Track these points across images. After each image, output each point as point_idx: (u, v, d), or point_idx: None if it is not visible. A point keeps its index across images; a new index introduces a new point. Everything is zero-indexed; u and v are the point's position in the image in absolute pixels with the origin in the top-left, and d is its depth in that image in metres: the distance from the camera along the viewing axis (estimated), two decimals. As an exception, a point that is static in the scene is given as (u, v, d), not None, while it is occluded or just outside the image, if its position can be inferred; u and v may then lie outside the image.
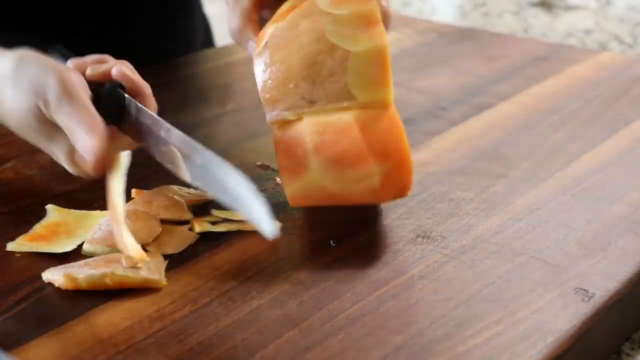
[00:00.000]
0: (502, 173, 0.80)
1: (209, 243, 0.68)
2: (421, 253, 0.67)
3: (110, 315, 0.60)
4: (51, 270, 0.63)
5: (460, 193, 0.76)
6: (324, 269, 0.65)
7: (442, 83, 1.02)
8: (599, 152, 0.84)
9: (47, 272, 0.63)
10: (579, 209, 0.74)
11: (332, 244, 0.68)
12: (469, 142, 0.86)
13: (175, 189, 0.73)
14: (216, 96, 1.00)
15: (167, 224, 0.69)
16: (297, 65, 0.67)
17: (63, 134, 0.67)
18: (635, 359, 0.64)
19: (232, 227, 0.70)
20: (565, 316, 0.60)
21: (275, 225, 0.61)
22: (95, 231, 0.67)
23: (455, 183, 0.77)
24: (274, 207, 0.72)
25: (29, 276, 0.64)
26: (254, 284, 0.63)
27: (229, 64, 1.10)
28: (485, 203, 0.74)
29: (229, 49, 1.14)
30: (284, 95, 0.68)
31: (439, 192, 0.76)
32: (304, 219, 0.72)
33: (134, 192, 0.73)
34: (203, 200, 0.73)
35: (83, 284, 0.61)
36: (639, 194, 0.76)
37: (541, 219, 0.72)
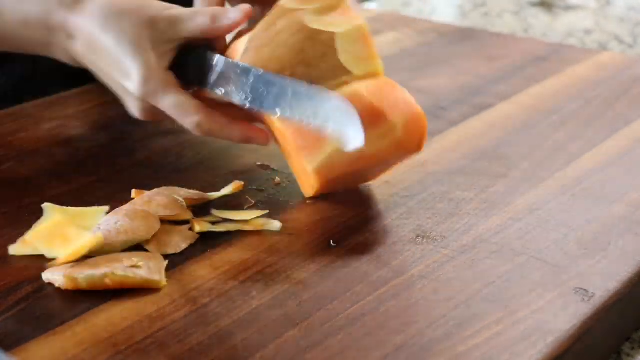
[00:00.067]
0: (502, 173, 0.80)
1: (209, 243, 0.68)
2: (421, 253, 0.67)
3: (110, 315, 0.60)
4: (51, 270, 0.63)
5: (460, 193, 0.76)
6: (324, 269, 0.65)
7: (442, 83, 1.02)
8: (599, 152, 0.84)
9: (47, 272, 0.63)
10: (579, 209, 0.74)
11: (332, 244, 0.68)
12: (469, 142, 0.86)
13: (175, 189, 0.73)
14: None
15: (167, 224, 0.69)
16: (287, 55, 0.69)
17: None
18: (635, 359, 0.64)
19: (232, 227, 0.70)
20: (565, 316, 0.60)
21: (361, 134, 0.63)
22: (94, 231, 0.67)
23: (455, 183, 0.77)
24: (274, 207, 0.72)
25: (29, 276, 0.64)
26: (254, 284, 0.63)
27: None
28: (485, 203, 0.74)
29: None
30: None
31: (439, 192, 0.76)
32: (304, 219, 0.72)
33: (134, 193, 0.73)
34: (203, 200, 0.73)
35: (83, 284, 0.61)
36: (639, 194, 0.76)
37: (541, 219, 0.72)
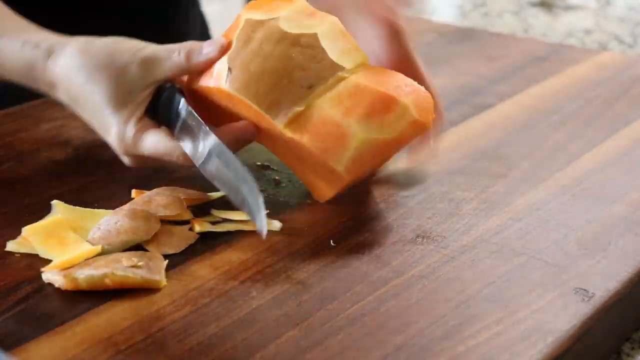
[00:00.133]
0: (502, 173, 0.80)
1: (209, 243, 0.68)
2: (421, 253, 0.67)
3: (110, 315, 0.60)
4: (51, 270, 0.63)
5: (460, 193, 0.76)
6: (324, 269, 0.65)
7: (442, 83, 1.01)
8: (599, 152, 0.84)
9: (47, 272, 0.63)
10: (579, 209, 0.74)
11: (332, 244, 0.68)
12: (469, 142, 0.86)
13: (175, 189, 0.73)
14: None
15: (167, 224, 0.69)
16: (279, 64, 0.68)
17: None
18: (635, 359, 0.64)
19: (232, 227, 0.70)
20: (565, 316, 0.60)
21: (265, 224, 0.63)
22: (94, 231, 0.67)
23: (455, 183, 0.77)
24: (274, 207, 0.72)
25: (29, 276, 0.64)
26: (254, 284, 0.63)
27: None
28: (485, 203, 0.74)
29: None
30: (283, 93, 0.68)
31: (439, 192, 0.76)
32: (304, 219, 0.72)
33: (134, 193, 0.73)
34: (203, 200, 0.73)
35: (83, 284, 0.61)
36: (639, 194, 0.76)
37: (541, 219, 0.72)
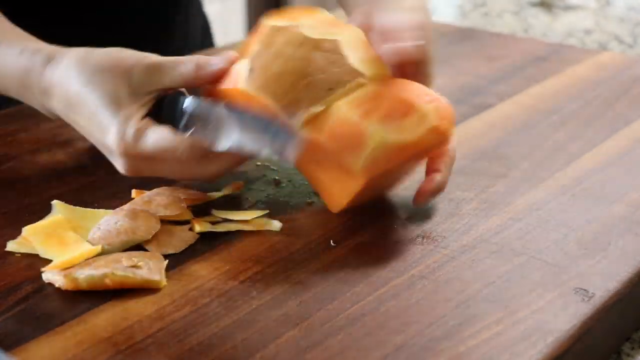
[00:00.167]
0: (502, 173, 0.80)
1: (209, 243, 0.68)
2: (421, 253, 0.67)
3: (110, 315, 0.60)
4: (51, 270, 0.63)
5: (460, 193, 0.76)
6: (324, 269, 0.65)
7: (442, 83, 1.01)
8: (599, 152, 0.84)
9: (47, 272, 0.63)
10: (579, 209, 0.74)
11: (332, 244, 0.68)
12: (469, 142, 0.86)
13: (175, 189, 0.73)
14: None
15: (167, 224, 0.69)
16: (299, 65, 0.68)
17: None
18: (635, 359, 0.64)
19: (232, 227, 0.70)
20: (565, 316, 0.59)
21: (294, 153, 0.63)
22: (94, 231, 0.67)
23: (455, 183, 0.77)
24: (274, 207, 0.72)
25: (29, 276, 0.64)
26: (254, 284, 0.63)
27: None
28: (485, 203, 0.74)
29: (229, 49, 1.13)
30: (302, 94, 0.68)
31: (439, 192, 0.76)
32: (304, 219, 0.72)
33: (134, 193, 0.73)
34: (203, 200, 0.73)
35: (83, 284, 0.61)
36: (639, 194, 0.76)
37: (541, 219, 0.72)
